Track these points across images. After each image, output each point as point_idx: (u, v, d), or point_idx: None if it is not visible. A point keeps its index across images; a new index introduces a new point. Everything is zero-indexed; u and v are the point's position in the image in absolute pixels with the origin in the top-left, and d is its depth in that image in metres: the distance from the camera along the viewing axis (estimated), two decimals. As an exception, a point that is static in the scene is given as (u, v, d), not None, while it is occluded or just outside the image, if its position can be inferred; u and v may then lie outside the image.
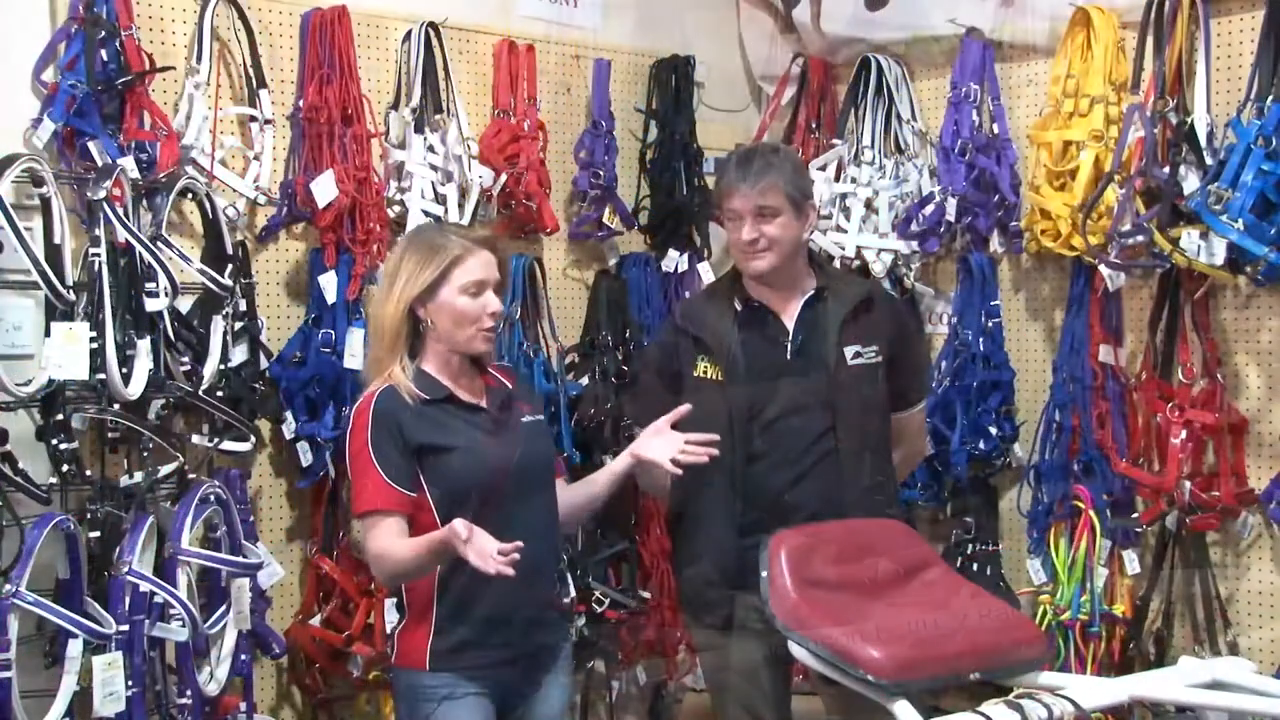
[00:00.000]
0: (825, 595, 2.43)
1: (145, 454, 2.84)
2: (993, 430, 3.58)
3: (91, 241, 2.66)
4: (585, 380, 3.65)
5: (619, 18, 3.99)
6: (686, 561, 2.88)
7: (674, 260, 3.87)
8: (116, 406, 2.72)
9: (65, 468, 2.68)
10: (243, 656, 2.97)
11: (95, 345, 2.62)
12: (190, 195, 2.98)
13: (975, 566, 3.63)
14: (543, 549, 2.51)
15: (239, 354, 3.04)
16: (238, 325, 3.04)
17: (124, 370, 2.68)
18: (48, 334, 2.61)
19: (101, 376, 2.64)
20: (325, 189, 3.17)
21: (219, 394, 2.96)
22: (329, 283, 3.21)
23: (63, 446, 2.67)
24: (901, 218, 3.72)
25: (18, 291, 2.75)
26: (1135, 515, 3.40)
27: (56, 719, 2.53)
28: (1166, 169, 3.14)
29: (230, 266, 3.00)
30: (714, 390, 2.77)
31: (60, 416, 2.67)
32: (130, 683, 2.62)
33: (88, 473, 2.75)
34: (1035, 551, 3.54)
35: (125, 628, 2.63)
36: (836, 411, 2.74)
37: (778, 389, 2.74)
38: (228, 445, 3.01)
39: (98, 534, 2.74)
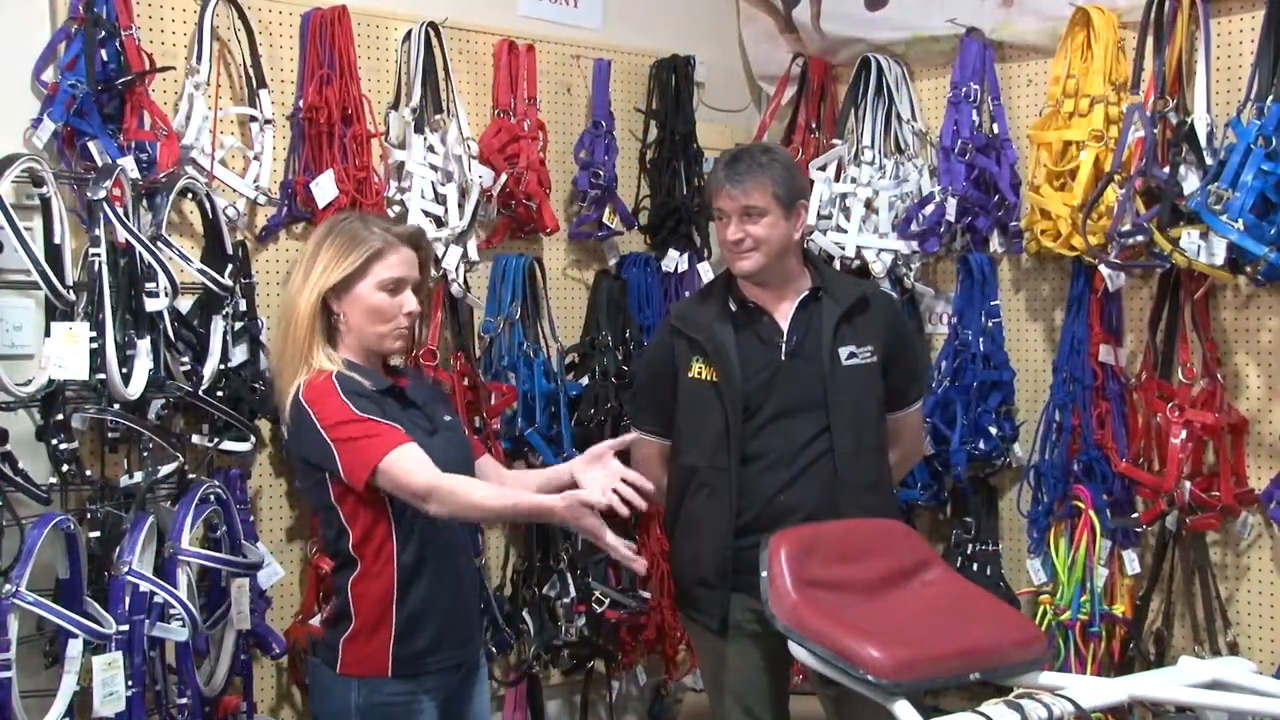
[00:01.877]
0: (825, 595, 2.43)
1: (145, 454, 2.83)
2: (993, 430, 3.57)
3: (91, 241, 2.66)
4: (585, 380, 3.65)
5: (619, 18, 3.99)
6: (684, 562, 2.88)
7: (674, 260, 3.87)
8: (116, 406, 2.72)
9: (65, 468, 2.68)
10: (242, 656, 2.98)
11: (95, 345, 2.61)
12: (190, 195, 2.98)
13: (975, 566, 3.64)
14: (472, 550, 2.58)
15: (239, 354, 3.04)
16: (238, 325, 3.03)
17: (124, 370, 2.68)
18: (48, 334, 2.61)
19: (101, 376, 2.64)
20: (325, 189, 3.17)
21: (219, 394, 2.96)
22: (329, 283, 3.20)
23: (63, 446, 2.67)
24: (901, 218, 3.71)
25: (18, 291, 2.76)
26: (1135, 515, 3.40)
27: (56, 719, 2.53)
28: (1166, 169, 3.14)
29: (230, 266, 2.99)
30: (709, 391, 2.77)
31: (60, 416, 2.67)
32: (130, 683, 2.61)
33: (88, 473, 2.75)
34: (1035, 551, 3.54)
35: (125, 628, 2.63)
36: (831, 412, 2.73)
37: (773, 389, 2.74)
38: (228, 445, 3.01)
39: (98, 534, 2.73)
